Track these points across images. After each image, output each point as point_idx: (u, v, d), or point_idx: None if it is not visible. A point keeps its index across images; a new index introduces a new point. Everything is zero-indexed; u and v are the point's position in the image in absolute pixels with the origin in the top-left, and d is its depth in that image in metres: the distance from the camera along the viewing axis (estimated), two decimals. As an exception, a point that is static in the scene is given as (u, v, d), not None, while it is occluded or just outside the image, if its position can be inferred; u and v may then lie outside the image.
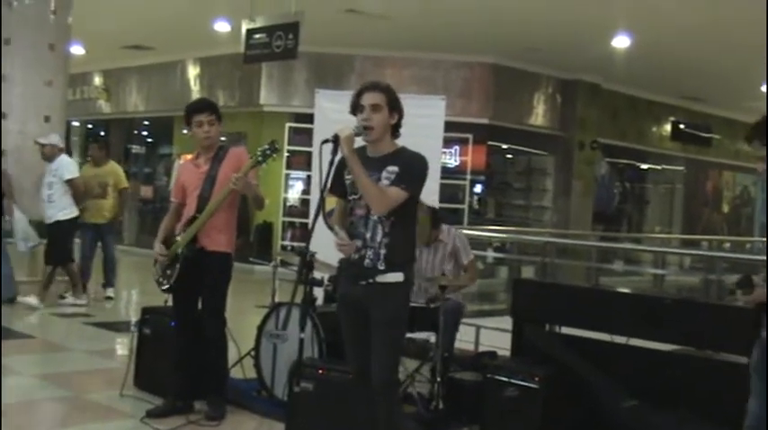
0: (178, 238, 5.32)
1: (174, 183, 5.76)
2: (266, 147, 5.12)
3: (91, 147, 10.95)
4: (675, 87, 16.40)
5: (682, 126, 18.50)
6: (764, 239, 3.67)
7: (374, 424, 4.03)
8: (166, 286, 5.40)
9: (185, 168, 5.65)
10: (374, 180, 3.89)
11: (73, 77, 17.41)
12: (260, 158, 5.02)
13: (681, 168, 20.04)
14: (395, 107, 4.00)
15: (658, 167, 20.14)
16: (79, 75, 18.02)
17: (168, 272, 5.36)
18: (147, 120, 19.42)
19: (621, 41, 12.46)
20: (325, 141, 3.86)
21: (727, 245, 18.35)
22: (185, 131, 6.39)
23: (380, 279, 3.93)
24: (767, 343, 3.35)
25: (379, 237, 3.92)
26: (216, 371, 5.51)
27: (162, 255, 5.35)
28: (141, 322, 6.02)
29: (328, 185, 3.99)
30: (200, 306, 5.46)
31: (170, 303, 5.61)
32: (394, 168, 3.92)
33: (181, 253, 5.29)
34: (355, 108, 3.99)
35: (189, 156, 6.23)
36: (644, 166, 20.03)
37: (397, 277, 3.93)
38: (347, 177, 4.03)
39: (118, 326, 8.45)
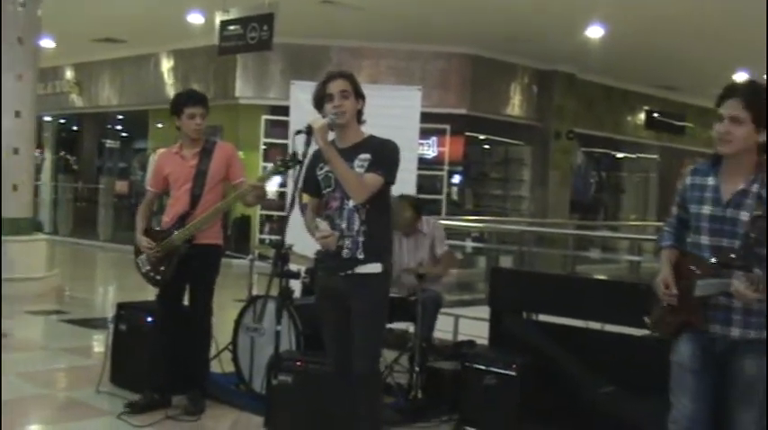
0: (175, 233, 5.24)
1: (152, 172, 5.67)
2: (288, 158, 5.04)
3: None
4: (649, 76, 16.48)
5: (656, 115, 18.60)
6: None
7: (353, 415, 4.02)
8: (158, 279, 5.36)
9: (169, 159, 5.52)
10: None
11: (44, 71, 17.26)
12: (281, 169, 4.97)
13: (655, 157, 20.17)
14: (360, 93, 4.03)
15: (633, 156, 20.27)
16: (50, 69, 17.86)
17: (162, 267, 5.32)
18: (120, 115, 19.29)
19: (596, 31, 12.50)
20: (299, 132, 3.84)
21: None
22: (160, 126, 6.31)
23: (360, 270, 3.92)
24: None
25: (356, 226, 3.91)
26: (199, 366, 5.50)
27: (151, 247, 5.31)
28: (117, 318, 5.97)
29: (302, 176, 3.98)
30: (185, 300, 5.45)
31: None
32: (366, 155, 3.92)
33: (179, 248, 5.24)
34: (321, 99, 3.98)
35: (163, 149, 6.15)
36: (619, 155, 20.17)
37: (375, 268, 3.93)
38: (319, 173, 4.02)
39: (94, 323, 8.40)
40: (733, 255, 3.20)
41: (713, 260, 3.26)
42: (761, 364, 3.24)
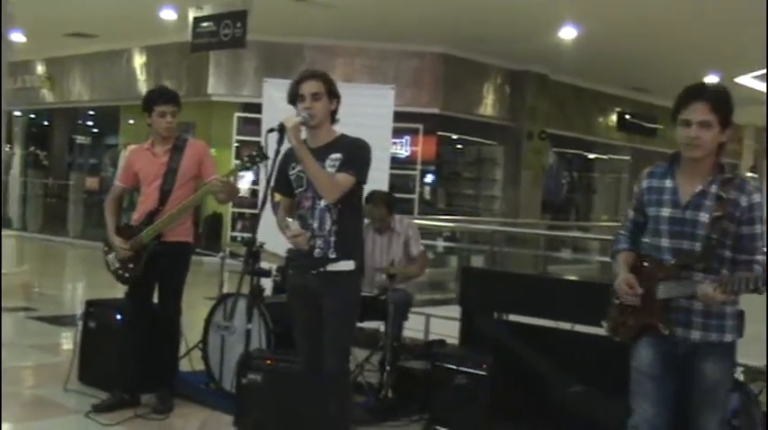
0: (144, 231, 5.21)
1: (122, 167, 5.61)
2: (254, 153, 5.03)
3: None
4: (621, 78, 16.61)
5: (627, 116, 18.74)
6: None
7: (324, 414, 4.02)
8: (127, 277, 5.32)
9: (140, 155, 5.48)
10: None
11: (14, 66, 17.07)
12: (248, 164, 4.95)
13: (627, 158, 20.30)
14: (334, 93, 4.02)
15: (605, 157, 20.38)
16: (21, 63, 17.68)
17: (131, 265, 5.28)
18: (92, 110, 19.12)
19: (569, 33, 12.56)
20: (271, 130, 3.84)
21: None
22: (131, 122, 6.23)
23: (332, 267, 3.92)
24: None
25: (327, 226, 3.92)
26: (168, 364, 5.47)
27: (124, 248, 5.26)
28: (86, 315, 5.93)
29: (274, 175, 3.97)
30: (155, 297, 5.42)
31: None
32: (337, 155, 3.93)
33: (148, 246, 5.21)
34: (294, 97, 3.97)
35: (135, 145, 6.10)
36: (591, 156, 20.27)
37: (348, 265, 3.94)
38: (291, 172, 4.01)
39: (62, 320, 8.33)
40: (694, 257, 3.23)
41: (673, 262, 3.28)
42: (722, 368, 3.28)
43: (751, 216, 3.22)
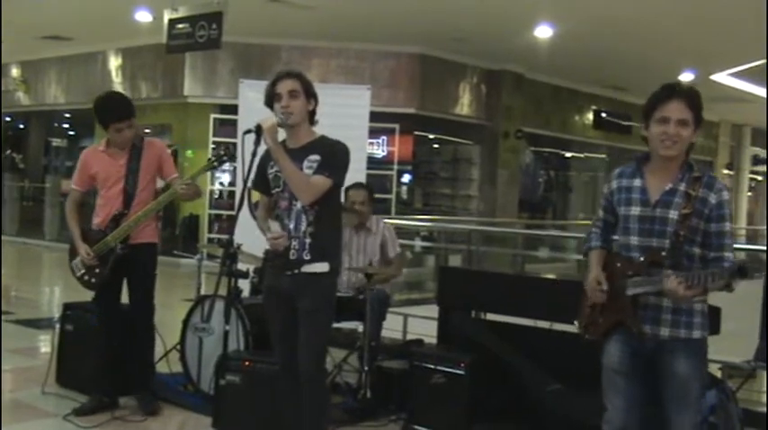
0: (110, 235, 5.17)
1: (78, 170, 5.43)
2: (222, 153, 5.02)
3: None
4: (597, 77, 16.71)
5: (603, 115, 18.85)
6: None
7: (301, 415, 4.02)
8: (94, 282, 5.28)
9: (96, 158, 5.37)
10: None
11: (-12, 69, 16.91)
12: (215, 164, 4.91)
13: (603, 156, 20.43)
14: (311, 93, 4.01)
15: (581, 155, 20.49)
16: (-4, 66, 17.56)
17: (97, 269, 5.25)
18: (67, 113, 19.01)
19: (544, 31, 12.62)
20: (248, 132, 3.83)
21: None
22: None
23: (306, 269, 3.92)
24: None
25: (303, 227, 3.92)
26: (145, 365, 5.46)
27: (89, 255, 5.21)
28: (63, 318, 5.90)
29: (251, 176, 3.96)
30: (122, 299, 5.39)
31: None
32: (315, 157, 3.92)
33: (114, 250, 5.17)
34: (271, 98, 3.97)
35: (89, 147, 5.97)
36: (567, 155, 20.38)
37: (323, 267, 3.93)
38: (270, 172, 4.02)
39: (40, 323, 8.28)
40: (663, 253, 3.26)
41: (642, 259, 3.31)
42: (692, 364, 3.30)
43: (720, 213, 3.25)
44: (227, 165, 13.73)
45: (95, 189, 5.40)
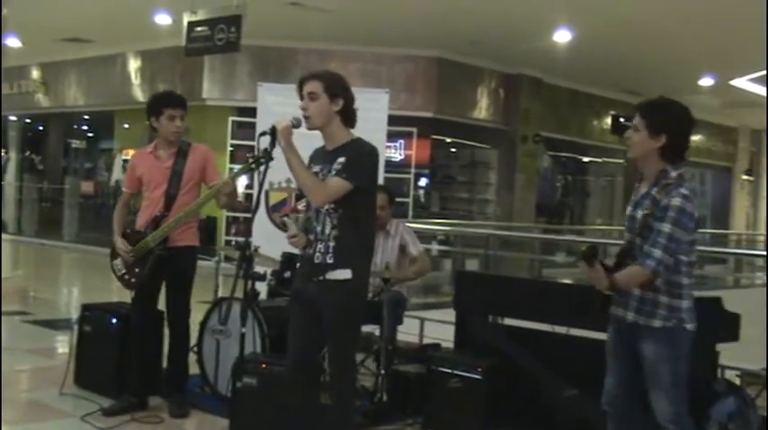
0: (150, 236, 5.21)
1: (127, 173, 5.58)
2: (260, 155, 5.03)
3: None
4: (615, 81, 16.65)
5: (622, 119, 18.72)
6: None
7: (318, 417, 4.02)
8: (133, 282, 5.32)
9: (143, 160, 5.46)
10: (326, 172, 3.88)
11: (9, 71, 17.06)
12: (252, 166, 4.95)
13: (621, 161, 20.33)
14: (336, 93, 3.94)
15: (599, 160, 20.43)
16: (16, 68, 17.69)
17: (137, 269, 5.28)
18: (87, 115, 19.11)
19: (563, 36, 12.60)
20: (263, 134, 3.86)
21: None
22: (126, 126, 6.19)
23: (330, 276, 3.88)
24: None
25: (327, 230, 3.89)
26: (180, 367, 5.50)
27: (127, 252, 5.26)
28: (81, 319, 5.93)
29: (266, 178, 3.98)
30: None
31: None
32: (342, 159, 3.87)
33: (153, 251, 5.21)
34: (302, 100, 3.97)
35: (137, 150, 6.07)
36: (585, 159, 20.31)
37: (345, 274, 3.87)
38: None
39: (58, 324, 8.33)
40: (623, 250, 3.69)
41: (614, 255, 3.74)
42: (656, 349, 3.61)
43: (664, 215, 3.52)
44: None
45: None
